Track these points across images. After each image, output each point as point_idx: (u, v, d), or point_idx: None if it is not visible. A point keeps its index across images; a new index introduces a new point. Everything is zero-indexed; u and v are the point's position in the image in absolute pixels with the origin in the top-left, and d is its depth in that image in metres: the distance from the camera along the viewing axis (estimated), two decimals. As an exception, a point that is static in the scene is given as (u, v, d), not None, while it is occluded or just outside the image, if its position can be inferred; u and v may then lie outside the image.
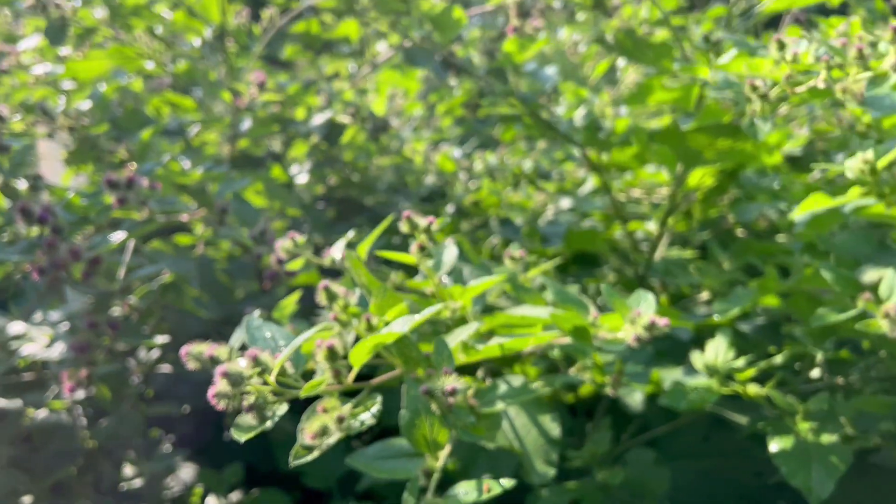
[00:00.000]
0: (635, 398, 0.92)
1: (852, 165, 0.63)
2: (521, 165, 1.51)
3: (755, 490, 1.10)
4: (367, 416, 0.50)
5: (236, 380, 0.44)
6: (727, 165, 1.01)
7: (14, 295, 0.82)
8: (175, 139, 1.49)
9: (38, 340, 1.13)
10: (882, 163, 0.61)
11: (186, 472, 1.28)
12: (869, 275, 0.70)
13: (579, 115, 1.32)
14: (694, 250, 1.27)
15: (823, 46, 0.64)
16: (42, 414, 1.24)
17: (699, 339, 0.95)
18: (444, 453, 0.56)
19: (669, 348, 0.97)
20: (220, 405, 0.45)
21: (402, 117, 1.81)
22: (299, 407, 0.60)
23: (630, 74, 1.46)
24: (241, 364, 0.46)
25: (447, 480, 0.71)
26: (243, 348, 0.52)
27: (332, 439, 0.48)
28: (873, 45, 0.66)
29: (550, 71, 1.45)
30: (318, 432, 0.48)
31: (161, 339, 0.94)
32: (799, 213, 0.70)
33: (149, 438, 1.22)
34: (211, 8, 1.51)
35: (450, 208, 1.55)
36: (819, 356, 0.99)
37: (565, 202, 1.69)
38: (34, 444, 1.20)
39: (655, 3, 0.94)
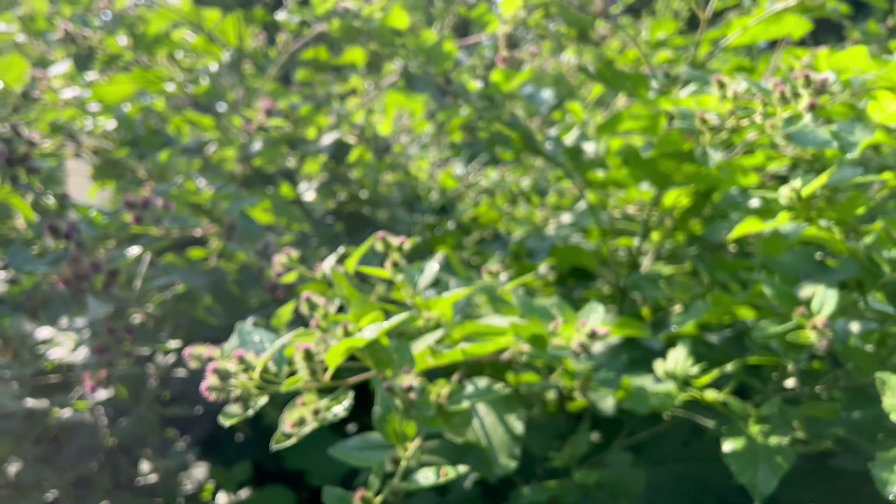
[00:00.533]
0: (607, 403, 0.99)
1: (783, 193, 0.70)
2: (519, 183, 1.59)
3: (729, 491, 1.16)
4: (340, 409, 0.58)
5: (224, 375, 0.52)
6: (700, 187, 1.08)
7: (42, 303, 0.91)
8: (194, 156, 1.59)
9: (63, 345, 1.23)
10: (806, 191, 0.68)
11: (199, 469, 1.37)
12: (805, 290, 0.77)
13: (571, 137, 1.40)
14: (682, 265, 1.34)
15: (760, 84, 0.72)
16: (66, 414, 1.34)
17: (669, 349, 1.02)
18: (413, 445, 0.64)
19: (642, 357, 1.04)
20: (211, 397, 0.53)
21: (410, 135, 1.90)
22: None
23: (622, 98, 1.54)
24: (230, 363, 0.54)
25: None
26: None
27: (308, 428, 0.56)
28: (822, 85, 0.73)
29: (546, 94, 1.53)
30: (296, 422, 0.56)
31: (174, 343, 1.03)
32: (734, 236, 0.77)
33: (164, 437, 1.31)
34: (229, 32, 1.61)
35: (451, 224, 1.63)
36: (790, 366, 1.06)
37: (566, 217, 1.76)
38: (59, 441, 1.29)
39: (634, 41, 1.02)
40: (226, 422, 0.53)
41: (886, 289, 0.74)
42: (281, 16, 1.53)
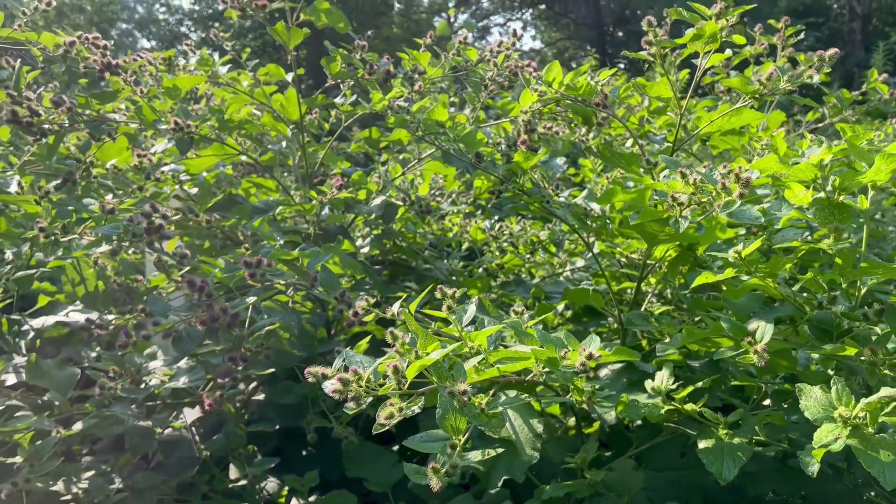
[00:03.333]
0: (610, 415, 1.25)
1: (730, 254, 0.97)
2: (538, 235, 1.87)
3: (713, 492, 1.41)
4: (416, 409, 0.85)
5: (345, 382, 0.80)
6: (683, 242, 1.35)
7: (174, 340, 1.19)
8: (261, 215, 1.89)
9: (169, 374, 1.51)
10: (745, 252, 0.95)
11: (276, 479, 1.64)
12: (753, 324, 1.03)
13: (581, 198, 1.68)
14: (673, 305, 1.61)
15: (711, 175, 0.99)
16: (167, 431, 1.62)
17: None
18: (464, 437, 0.91)
19: (638, 379, 1.30)
20: (336, 397, 0.80)
21: (443, 194, 2.19)
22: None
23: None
24: (343, 376, 0.82)
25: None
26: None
27: (395, 420, 0.83)
28: (747, 182, 1.00)
29: (560, 161, 1.82)
30: (387, 416, 0.83)
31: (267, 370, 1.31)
32: (694, 285, 1.03)
33: (248, 450, 1.58)
34: (291, 109, 1.92)
35: (480, 269, 1.91)
36: (764, 387, 1.32)
37: (580, 262, 2.04)
38: (165, 453, 1.58)
39: (622, 122, 1.30)
40: (349, 412, 0.80)
41: (811, 323, 1.00)
42: (338, 100, 1.84)
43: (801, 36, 1.88)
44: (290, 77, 1.93)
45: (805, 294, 1.02)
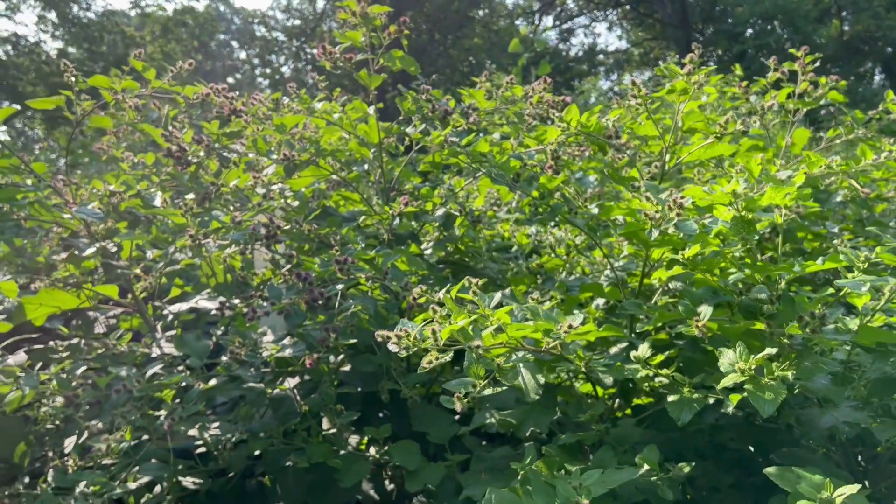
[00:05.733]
0: (608, 379, 1.63)
1: (679, 256, 1.33)
2: (574, 240, 2.25)
3: (705, 448, 1.76)
4: (447, 358, 1.27)
5: (399, 338, 1.21)
6: (671, 246, 1.71)
7: (285, 316, 1.64)
8: (348, 224, 2.33)
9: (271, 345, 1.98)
10: (687, 255, 1.31)
11: (356, 435, 2.08)
12: (701, 308, 1.38)
13: (594, 210, 2.05)
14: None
15: (662, 199, 1.36)
16: (275, 392, 2.08)
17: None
18: (484, 382, 1.32)
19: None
20: (395, 349, 1.22)
21: (499, 204, 2.60)
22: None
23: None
24: (398, 333, 1.24)
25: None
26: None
27: (433, 365, 1.25)
28: (682, 205, 1.37)
29: (591, 178, 2.19)
30: (427, 362, 1.25)
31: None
32: (654, 277, 1.39)
33: (337, 408, 2.03)
34: (372, 135, 2.36)
35: (526, 269, 2.31)
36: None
37: (618, 263, 2.41)
38: (273, 408, 2.04)
39: (623, 151, 1.68)
40: (400, 353, 1.22)
41: (740, 307, 1.35)
42: (409, 129, 2.28)
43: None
44: (371, 110, 2.38)
45: (739, 286, 1.37)
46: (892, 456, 1.60)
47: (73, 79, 2.10)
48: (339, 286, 1.63)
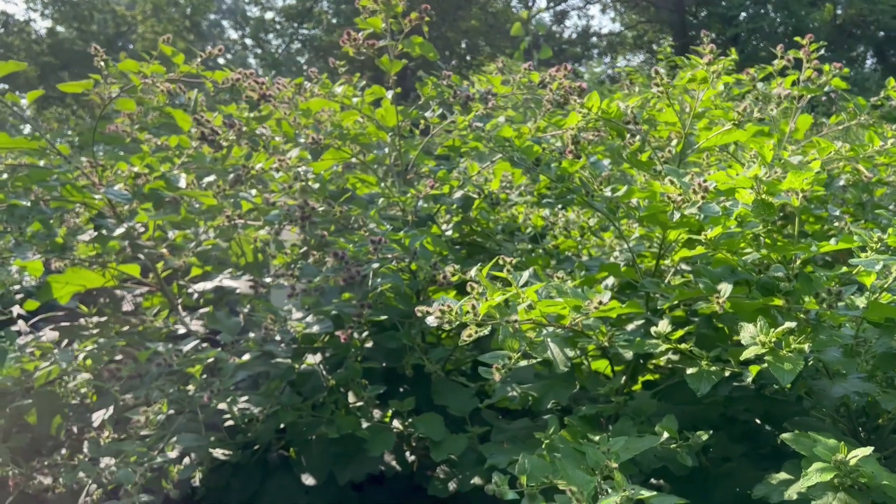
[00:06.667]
0: (628, 354, 1.72)
1: (701, 237, 1.41)
2: (587, 222, 2.33)
3: (717, 421, 1.85)
4: (484, 332, 1.35)
5: (443, 312, 1.29)
6: (689, 228, 1.80)
7: (321, 293, 1.71)
8: (368, 205, 2.40)
9: (302, 322, 2.05)
10: (710, 236, 1.39)
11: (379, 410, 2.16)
12: (722, 286, 1.47)
13: (619, 193, 2.13)
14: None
15: (686, 182, 1.44)
16: (303, 367, 2.16)
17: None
18: (517, 355, 1.40)
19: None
20: (436, 324, 1.30)
21: (511, 187, 2.67)
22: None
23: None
24: (442, 307, 1.32)
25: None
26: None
27: (473, 339, 1.33)
28: (706, 189, 1.45)
29: (605, 162, 2.27)
30: (467, 335, 1.33)
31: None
32: (678, 258, 1.47)
33: (361, 382, 2.11)
34: (389, 119, 2.43)
35: (541, 250, 2.39)
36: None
37: (624, 245, 2.49)
38: (300, 382, 2.12)
39: (641, 136, 1.76)
40: (443, 326, 1.30)
41: (758, 284, 1.44)
42: (427, 114, 2.34)
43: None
44: (389, 94, 2.44)
45: (757, 265, 1.46)
46: (894, 427, 1.70)
47: (101, 63, 2.16)
48: (375, 264, 1.71)
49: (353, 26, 2.31)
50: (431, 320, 1.33)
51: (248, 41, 31.44)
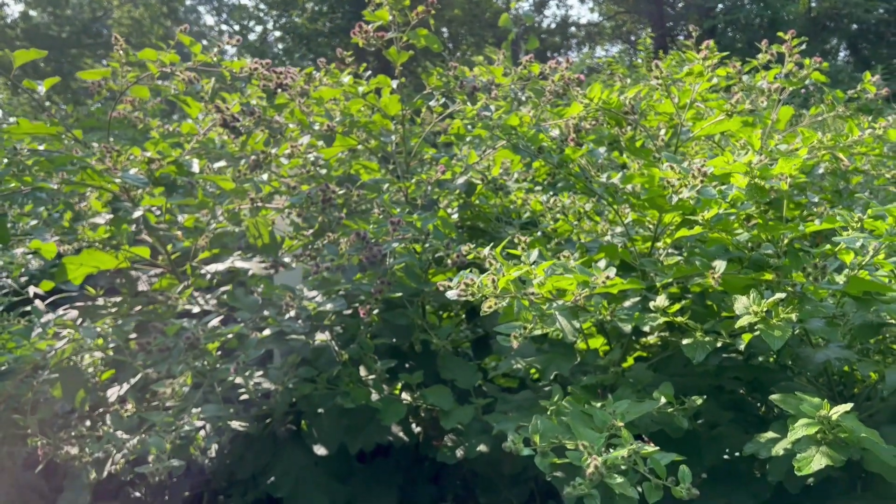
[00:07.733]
0: (627, 327, 1.85)
1: (698, 218, 1.54)
2: (583, 207, 2.47)
3: (705, 388, 2.00)
4: (503, 304, 1.47)
5: (468, 285, 1.41)
6: (683, 211, 1.93)
7: (343, 271, 1.82)
8: (370, 190, 2.51)
9: (316, 300, 2.16)
10: (707, 217, 1.52)
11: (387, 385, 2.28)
12: (716, 263, 1.60)
13: (615, 179, 2.26)
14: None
15: (686, 167, 1.58)
16: (316, 343, 2.27)
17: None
18: (531, 325, 1.53)
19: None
20: (458, 297, 1.42)
21: (508, 174, 2.79)
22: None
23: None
24: (466, 281, 1.44)
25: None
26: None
27: (493, 310, 1.46)
28: (705, 174, 1.59)
29: (601, 149, 2.40)
30: (488, 307, 1.46)
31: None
32: (675, 238, 1.61)
33: (372, 357, 2.23)
34: (393, 107, 2.54)
35: (539, 234, 2.52)
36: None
37: (619, 229, 2.63)
38: (315, 357, 2.23)
39: (638, 125, 1.89)
40: (468, 298, 1.43)
41: (749, 261, 1.58)
42: (431, 103, 2.46)
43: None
44: (394, 84, 2.55)
45: (749, 243, 1.60)
46: (868, 393, 1.86)
47: (121, 51, 2.25)
48: (395, 244, 1.82)
49: (337, 15, 2.41)
50: (452, 294, 1.45)
51: (224, 27, 31.16)
